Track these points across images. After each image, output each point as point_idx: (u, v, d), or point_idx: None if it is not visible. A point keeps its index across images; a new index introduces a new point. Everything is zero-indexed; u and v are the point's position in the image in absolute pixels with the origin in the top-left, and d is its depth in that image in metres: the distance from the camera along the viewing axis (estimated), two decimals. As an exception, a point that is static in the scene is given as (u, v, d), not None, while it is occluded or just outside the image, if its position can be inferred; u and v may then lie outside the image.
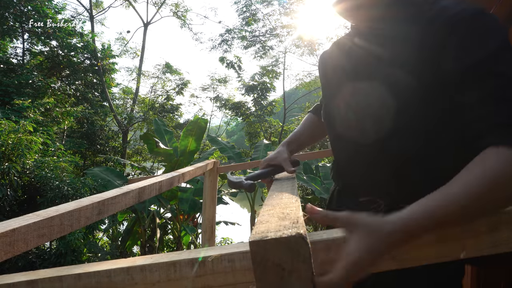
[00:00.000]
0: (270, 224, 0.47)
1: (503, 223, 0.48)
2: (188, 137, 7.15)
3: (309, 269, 0.42)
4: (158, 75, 16.83)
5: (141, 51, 16.41)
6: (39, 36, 10.40)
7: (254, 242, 0.42)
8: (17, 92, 8.10)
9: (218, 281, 0.49)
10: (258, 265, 0.42)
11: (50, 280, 0.51)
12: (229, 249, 0.50)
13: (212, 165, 3.15)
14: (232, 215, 11.73)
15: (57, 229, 0.85)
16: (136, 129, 14.94)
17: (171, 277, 0.50)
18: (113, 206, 1.12)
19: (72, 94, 11.15)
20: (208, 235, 3.20)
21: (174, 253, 0.52)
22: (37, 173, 4.91)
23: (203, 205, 3.25)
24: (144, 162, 14.00)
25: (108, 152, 11.62)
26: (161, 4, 16.59)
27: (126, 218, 7.79)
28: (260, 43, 15.84)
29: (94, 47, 11.77)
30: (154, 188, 1.51)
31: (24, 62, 10.66)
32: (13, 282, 0.51)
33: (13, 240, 0.72)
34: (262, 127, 15.07)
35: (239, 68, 15.37)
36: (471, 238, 0.48)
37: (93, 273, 0.51)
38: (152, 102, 16.09)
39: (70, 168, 5.69)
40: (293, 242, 0.42)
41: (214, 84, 17.94)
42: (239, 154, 7.61)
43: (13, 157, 4.65)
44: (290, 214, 0.52)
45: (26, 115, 6.69)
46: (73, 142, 10.32)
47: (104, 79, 12.13)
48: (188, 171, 2.29)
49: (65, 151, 6.76)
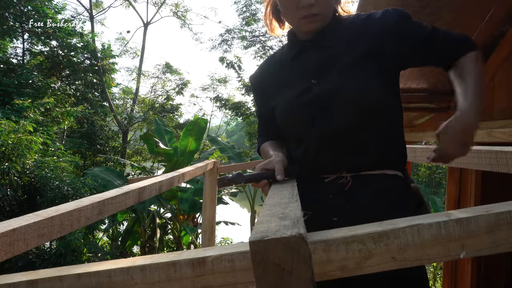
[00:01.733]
0: (270, 224, 0.47)
1: (503, 223, 0.48)
2: (188, 137, 7.15)
3: (309, 269, 0.42)
4: (158, 75, 16.84)
5: (141, 51, 16.42)
6: (39, 36, 10.40)
7: (254, 242, 0.42)
8: (17, 92, 8.09)
9: (218, 281, 0.49)
10: (258, 265, 0.42)
11: (50, 280, 0.51)
12: (229, 249, 0.50)
13: (212, 165, 3.15)
14: (232, 215, 11.73)
15: (57, 229, 0.85)
16: (136, 129, 14.94)
17: (171, 277, 0.50)
18: (113, 206, 1.12)
19: (72, 94, 11.16)
20: (208, 235, 3.20)
21: (174, 253, 0.52)
22: (37, 173, 4.91)
23: (203, 205, 3.25)
24: (144, 162, 13.99)
25: (108, 152, 11.62)
26: (161, 4, 16.60)
27: (126, 218, 7.80)
28: (260, 43, 15.85)
29: (94, 47, 11.78)
30: (154, 188, 1.51)
31: (24, 62, 10.67)
32: (13, 282, 0.51)
33: (13, 240, 0.72)
34: (262, 127, 15.03)
35: (239, 68, 15.36)
36: (471, 238, 0.48)
37: (93, 273, 0.51)
38: (152, 102, 16.09)
39: (70, 168, 5.70)
40: (293, 242, 0.42)
41: (214, 84, 17.95)
42: (239, 154, 7.62)
43: (13, 157, 4.65)
44: (290, 214, 0.53)
45: (26, 115, 6.69)
46: (73, 142, 10.32)
47: (104, 79, 12.13)
48: (188, 171, 2.29)
49: (65, 151, 6.76)
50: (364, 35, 0.89)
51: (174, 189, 6.57)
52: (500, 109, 2.46)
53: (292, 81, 0.95)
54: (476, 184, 2.59)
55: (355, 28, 0.92)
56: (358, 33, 0.91)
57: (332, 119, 0.87)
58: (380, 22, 0.89)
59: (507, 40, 2.44)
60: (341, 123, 0.86)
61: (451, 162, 0.81)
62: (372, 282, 0.76)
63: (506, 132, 2.12)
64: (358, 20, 0.93)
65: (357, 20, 0.93)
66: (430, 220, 0.49)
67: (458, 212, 0.51)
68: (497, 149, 1.07)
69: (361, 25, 0.91)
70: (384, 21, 0.89)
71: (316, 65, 0.91)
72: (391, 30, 0.88)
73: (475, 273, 2.58)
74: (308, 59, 0.93)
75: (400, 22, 0.89)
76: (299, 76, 0.94)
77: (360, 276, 0.50)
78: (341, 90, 0.86)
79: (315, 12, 0.87)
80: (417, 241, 0.48)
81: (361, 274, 0.49)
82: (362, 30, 0.90)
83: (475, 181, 2.59)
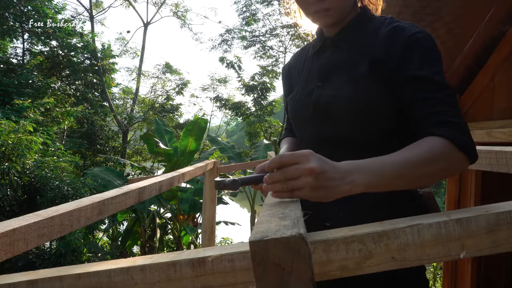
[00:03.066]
0: (270, 224, 0.47)
1: (503, 223, 0.48)
2: (188, 137, 7.15)
3: (309, 269, 0.42)
4: (158, 75, 16.84)
5: (141, 51, 16.42)
6: (39, 36, 10.40)
7: (254, 242, 0.42)
8: (17, 92, 8.09)
9: (218, 281, 0.49)
10: (258, 265, 0.42)
11: (50, 280, 0.51)
12: (229, 249, 0.50)
13: (212, 165, 3.15)
14: (232, 215, 11.73)
15: (57, 229, 0.85)
16: (136, 129, 14.94)
17: (171, 277, 0.50)
18: (113, 206, 1.12)
19: (72, 94, 11.15)
20: (208, 235, 3.20)
21: (174, 253, 0.52)
22: (37, 173, 4.91)
23: (203, 205, 3.25)
24: (144, 162, 13.99)
25: (108, 152, 11.61)
26: (161, 4, 16.60)
27: (126, 218, 7.79)
28: (260, 43, 15.86)
29: (94, 47, 11.77)
30: (154, 188, 1.51)
31: (24, 62, 10.66)
32: (13, 282, 0.51)
33: (13, 240, 0.72)
34: (262, 127, 15.06)
35: (239, 68, 15.37)
36: (471, 238, 0.48)
37: (93, 273, 0.51)
38: (152, 102, 16.09)
39: (70, 168, 5.69)
40: (293, 242, 0.42)
41: (214, 84, 17.95)
42: (239, 154, 7.61)
43: (13, 157, 4.65)
44: (290, 214, 0.53)
45: (26, 115, 6.69)
46: (73, 142, 10.32)
47: (104, 79, 12.13)
48: (188, 171, 2.29)
49: (65, 151, 6.76)
50: (385, 49, 0.80)
51: (174, 189, 6.57)
52: (500, 109, 2.46)
53: (306, 78, 0.94)
54: (476, 184, 2.59)
55: (378, 36, 0.83)
56: (379, 44, 0.81)
57: (328, 126, 0.86)
58: (405, 45, 0.77)
59: (507, 40, 2.43)
60: (335, 131, 0.85)
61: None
62: (372, 282, 0.76)
63: (506, 132, 2.12)
64: (385, 28, 0.83)
65: (384, 27, 0.83)
66: (430, 220, 0.49)
67: (458, 212, 0.51)
68: (497, 149, 1.07)
69: (384, 36, 0.81)
70: (409, 46, 0.77)
71: (326, 67, 0.89)
72: (407, 58, 0.77)
73: (475, 273, 2.58)
74: (322, 59, 0.91)
75: (419, 61, 0.76)
76: (311, 74, 0.92)
77: (360, 276, 0.50)
78: (336, 99, 0.83)
79: (326, 7, 0.81)
80: (417, 241, 0.48)
81: (361, 274, 0.49)
82: (385, 41, 0.81)
83: (475, 181, 2.59)
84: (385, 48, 0.80)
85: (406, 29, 0.79)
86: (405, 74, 0.76)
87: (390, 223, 0.50)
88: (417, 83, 0.75)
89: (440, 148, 0.66)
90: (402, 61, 0.77)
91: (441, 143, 0.66)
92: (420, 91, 0.74)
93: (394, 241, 0.48)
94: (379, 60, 0.80)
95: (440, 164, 0.65)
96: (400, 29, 0.80)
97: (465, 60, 2.66)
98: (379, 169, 0.62)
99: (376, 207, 0.80)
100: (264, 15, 15.69)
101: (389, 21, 0.85)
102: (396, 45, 0.78)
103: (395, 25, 0.82)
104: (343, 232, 0.50)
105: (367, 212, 0.80)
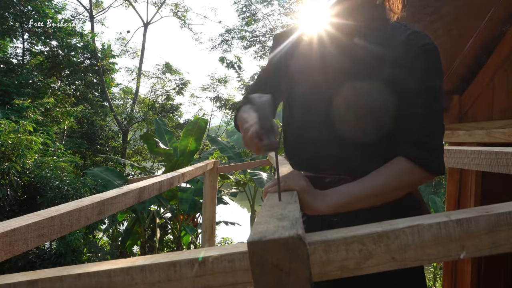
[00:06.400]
0: (268, 225, 0.47)
1: (503, 224, 0.48)
2: (188, 137, 7.15)
3: (307, 270, 0.42)
4: (158, 75, 16.83)
5: (141, 51, 16.41)
6: (39, 36, 10.40)
7: (252, 242, 0.42)
8: (17, 92, 8.09)
9: (218, 281, 0.49)
10: (256, 265, 0.42)
11: (50, 280, 0.51)
12: (229, 249, 0.50)
13: (212, 165, 3.15)
14: (232, 215, 11.73)
15: (57, 229, 0.85)
16: (136, 129, 14.93)
17: (171, 277, 0.50)
18: (113, 206, 1.12)
19: (72, 94, 11.15)
20: (208, 235, 3.20)
21: (174, 253, 0.52)
22: (37, 173, 4.91)
23: (203, 205, 3.25)
24: (144, 162, 13.99)
25: (108, 152, 11.61)
26: (161, 4, 16.60)
27: (126, 218, 7.79)
28: (260, 43, 15.85)
29: (94, 47, 11.77)
30: (154, 188, 1.51)
31: (24, 62, 10.66)
32: (13, 282, 0.51)
33: (13, 240, 0.72)
34: (262, 127, 15.01)
35: (239, 68, 15.37)
36: (471, 238, 0.48)
37: (93, 273, 0.51)
38: (152, 102, 16.09)
39: (70, 168, 5.69)
40: (291, 243, 0.42)
41: (214, 84, 17.95)
42: (239, 154, 7.61)
43: (13, 157, 4.65)
44: (288, 215, 0.52)
45: (26, 115, 6.69)
46: (73, 142, 10.32)
47: (104, 79, 12.13)
48: (188, 171, 2.29)
49: (65, 151, 6.76)
50: (400, 55, 0.81)
51: (174, 189, 6.57)
52: (500, 109, 2.46)
53: (322, 68, 0.90)
54: (476, 185, 2.59)
55: (395, 39, 0.83)
56: (395, 48, 0.82)
57: (346, 126, 0.84)
58: (414, 54, 0.80)
59: (507, 40, 2.43)
60: (353, 133, 0.84)
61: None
62: (371, 282, 0.76)
63: (506, 132, 2.11)
64: (402, 34, 0.84)
65: (401, 33, 0.84)
66: (430, 220, 0.49)
67: (458, 213, 0.51)
68: (497, 149, 1.07)
69: (401, 42, 0.82)
70: (419, 60, 0.80)
71: (339, 63, 0.87)
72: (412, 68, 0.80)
73: (475, 273, 2.58)
74: (340, 52, 0.88)
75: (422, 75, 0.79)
76: (328, 66, 0.89)
77: (360, 276, 0.50)
78: (347, 98, 0.83)
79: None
80: (417, 241, 0.48)
81: (361, 274, 0.49)
82: (401, 47, 0.82)
83: (475, 181, 2.59)
84: (401, 54, 0.81)
85: (420, 39, 0.82)
86: (404, 84, 0.80)
87: (390, 224, 0.50)
88: (410, 96, 0.80)
89: (404, 172, 0.77)
90: (407, 71, 0.80)
91: (407, 166, 0.77)
92: (409, 105, 0.80)
93: (394, 241, 0.48)
94: (395, 65, 0.81)
95: (404, 183, 0.77)
96: (414, 37, 0.82)
97: (465, 60, 2.66)
98: (347, 191, 0.76)
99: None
100: (264, 15, 15.69)
101: (404, 28, 0.86)
102: (408, 54, 0.81)
103: (411, 31, 0.84)
104: (343, 232, 0.50)
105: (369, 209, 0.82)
